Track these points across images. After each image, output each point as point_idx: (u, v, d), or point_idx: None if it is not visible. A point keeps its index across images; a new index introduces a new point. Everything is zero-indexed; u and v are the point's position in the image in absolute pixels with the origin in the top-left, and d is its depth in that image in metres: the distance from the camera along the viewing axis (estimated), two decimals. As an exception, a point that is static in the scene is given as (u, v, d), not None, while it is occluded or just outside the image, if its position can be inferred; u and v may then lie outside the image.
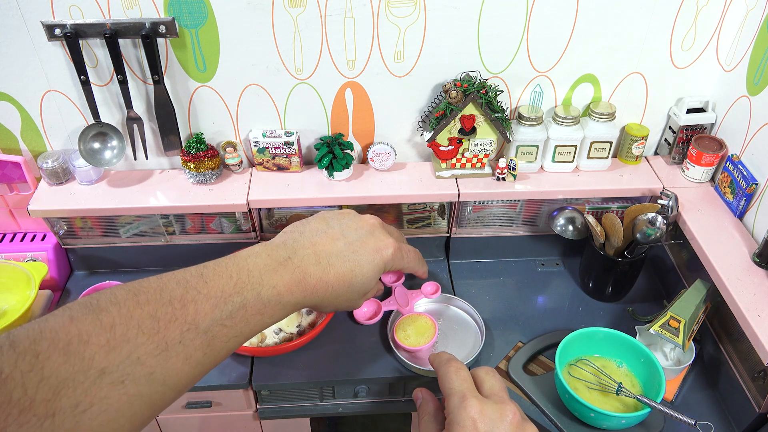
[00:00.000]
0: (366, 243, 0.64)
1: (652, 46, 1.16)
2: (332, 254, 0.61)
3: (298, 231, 0.63)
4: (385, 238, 0.66)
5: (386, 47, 1.12)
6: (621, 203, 1.29)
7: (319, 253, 0.60)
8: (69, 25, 1.03)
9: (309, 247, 0.60)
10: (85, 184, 1.23)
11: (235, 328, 0.54)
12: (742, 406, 1.02)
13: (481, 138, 1.20)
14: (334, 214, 0.67)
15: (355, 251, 0.62)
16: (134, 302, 0.48)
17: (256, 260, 0.57)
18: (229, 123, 1.23)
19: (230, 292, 0.54)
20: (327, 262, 0.60)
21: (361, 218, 0.68)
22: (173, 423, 1.25)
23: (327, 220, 0.65)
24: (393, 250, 0.66)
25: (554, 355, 1.04)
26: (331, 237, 0.62)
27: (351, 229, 0.64)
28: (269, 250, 0.59)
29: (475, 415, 0.56)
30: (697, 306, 1.07)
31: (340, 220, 0.66)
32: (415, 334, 0.99)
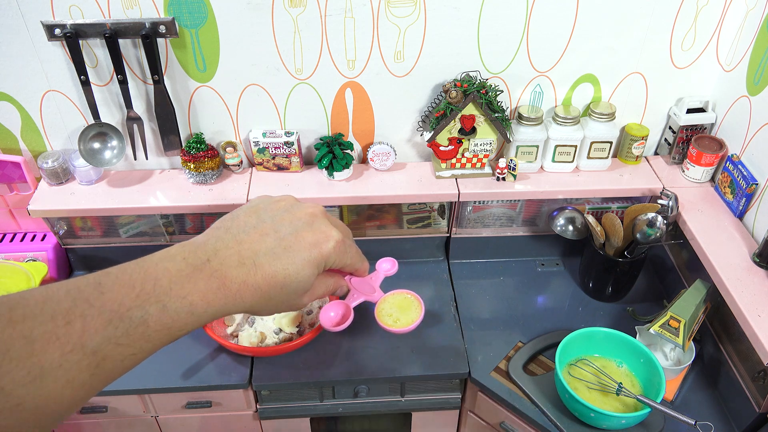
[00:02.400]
0: (302, 237, 0.56)
1: (652, 46, 1.16)
2: (259, 253, 0.54)
3: (224, 227, 0.56)
4: (327, 229, 0.58)
5: (386, 47, 1.12)
6: (621, 203, 1.29)
7: (243, 252, 0.53)
8: (69, 25, 1.03)
9: (233, 247, 0.53)
10: (85, 184, 1.23)
11: (133, 346, 0.47)
12: (742, 406, 1.02)
13: (481, 138, 1.20)
14: (268, 204, 0.59)
15: (287, 247, 0.55)
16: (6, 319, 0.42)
17: (167, 265, 0.50)
18: (229, 123, 1.23)
19: (129, 305, 0.47)
20: (252, 263, 0.53)
21: (299, 207, 0.59)
22: (173, 423, 1.25)
23: (258, 212, 0.58)
24: (334, 243, 0.58)
25: (554, 355, 1.04)
26: (261, 233, 0.55)
27: (285, 221, 0.57)
28: (186, 252, 0.52)
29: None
30: (697, 306, 1.07)
31: (274, 212, 0.58)
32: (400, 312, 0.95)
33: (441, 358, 1.16)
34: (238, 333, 1.15)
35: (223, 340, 1.10)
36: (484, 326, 1.22)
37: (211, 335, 1.10)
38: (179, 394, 1.16)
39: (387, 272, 0.81)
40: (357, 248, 0.64)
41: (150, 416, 1.23)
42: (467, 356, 1.16)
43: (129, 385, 1.12)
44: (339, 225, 0.62)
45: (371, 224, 1.31)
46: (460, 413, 1.28)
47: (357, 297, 0.76)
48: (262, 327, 1.15)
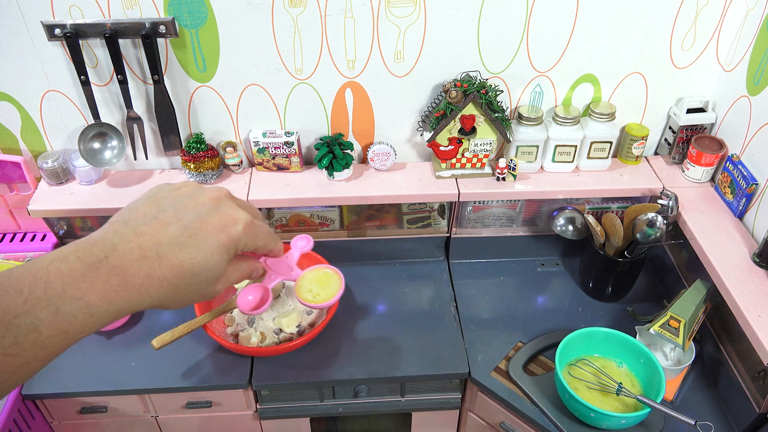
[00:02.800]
0: (207, 222, 0.53)
1: (652, 46, 1.16)
2: (162, 243, 0.50)
3: (122, 220, 0.52)
4: (234, 212, 0.55)
5: (386, 47, 1.12)
6: (621, 203, 1.29)
7: (145, 245, 0.49)
8: (69, 25, 1.03)
9: (133, 240, 0.49)
10: (85, 184, 1.23)
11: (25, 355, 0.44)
12: (742, 406, 1.02)
13: (481, 138, 1.20)
14: (168, 192, 0.56)
15: (192, 235, 0.52)
16: None
17: (60, 266, 0.46)
18: (229, 123, 1.23)
19: (17, 311, 0.43)
20: (156, 255, 0.50)
21: (203, 192, 0.56)
22: (173, 423, 1.25)
23: (158, 202, 0.54)
24: (243, 225, 0.55)
25: (554, 355, 1.04)
26: (162, 222, 0.52)
27: (188, 208, 0.54)
28: (81, 251, 0.48)
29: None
30: (697, 306, 1.07)
31: (175, 199, 0.55)
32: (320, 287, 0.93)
33: (441, 358, 1.16)
34: (239, 333, 1.15)
35: (223, 341, 1.10)
36: (484, 326, 1.22)
37: (212, 335, 1.10)
38: (179, 394, 1.16)
39: (302, 249, 0.79)
40: (268, 228, 0.61)
41: (150, 416, 1.23)
42: (467, 356, 1.16)
43: (129, 385, 1.12)
44: (246, 206, 0.60)
45: (371, 224, 1.31)
46: (460, 413, 1.28)
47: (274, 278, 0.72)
48: (263, 327, 1.15)
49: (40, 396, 1.12)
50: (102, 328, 0.49)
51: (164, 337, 1.03)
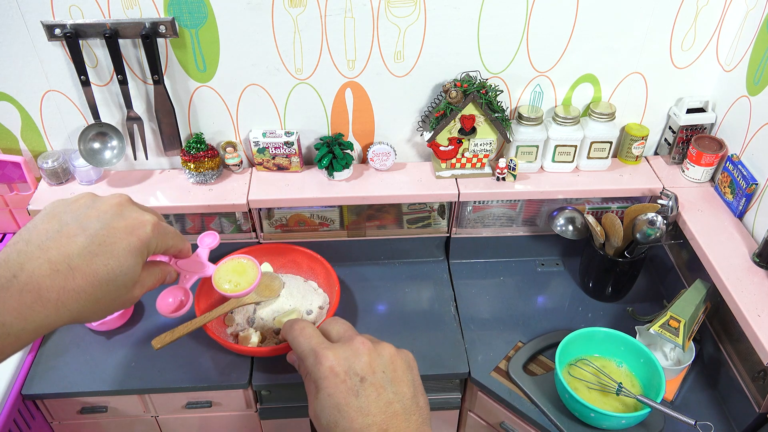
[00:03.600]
0: (114, 227, 0.52)
1: (652, 46, 1.16)
2: (72, 255, 0.49)
3: (24, 240, 0.50)
4: (139, 215, 0.55)
5: (386, 47, 1.12)
6: (621, 203, 1.29)
7: (53, 259, 0.48)
8: (69, 25, 1.03)
9: (40, 256, 0.48)
10: (85, 184, 1.23)
11: None
12: (742, 406, 1.02)
13: (481, 138, 1.20)
14: (65, 207, 0.55)
15: (101, 242, 0.50)
16: None
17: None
18: (229, 123, 1.23)
19: None
20: (68, 267, 0.48)
21: (102, 201, 0.55)
22: (173, 423, 1.25)
23: (58, 216, 0.53)
24: (152, 226, 0.54)
25: (554, 355, 1.04)
26: (68, 235, 0.50)
27: (91, 218, 0.52)
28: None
29: (331, 363, 0.55)
30: (697, 306, 1.07)
31: (76, 212, 0.53)
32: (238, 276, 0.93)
33: (441, 358, 1.16)
34: (238, 333, 1.15)
35: (223, 341, 1.10)
36: (484, 326, 1.22)
37: (212, 335, 1.10)
38: (179, 394, 1.16)
39: (210, 246, 0.79)
40: (174, 229, 0.61)
41: (150, 416, 1.23)
42: (467, 356, 1.16)
43: (129, 385, 1.12)
44: (149, 209, 0.59)
45: (371, 224, 1.31)
46: (460, 413, 1.28)
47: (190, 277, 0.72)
48: (262, 327, 1.15)
49: (40, 396, 1.12)
50: (21, 349, 0.47)
51: (164, 338, 1.03)
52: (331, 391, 0.54)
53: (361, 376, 0.55)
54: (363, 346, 0.57)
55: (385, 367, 0.57)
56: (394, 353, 0.58)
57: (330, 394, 0.54)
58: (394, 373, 0.57)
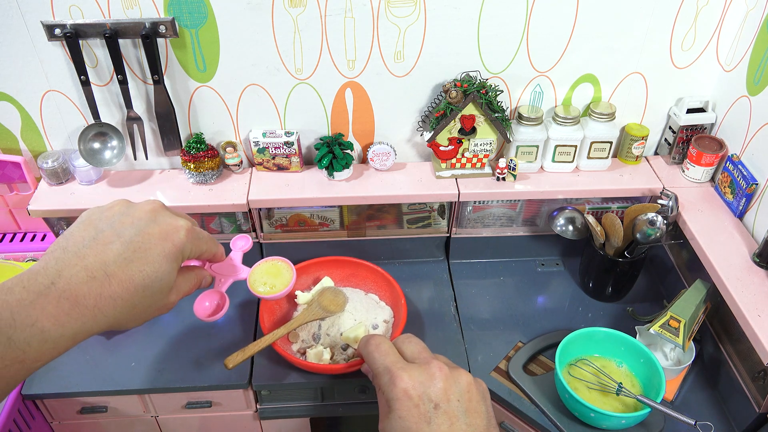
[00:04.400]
0: (149, 234, 0.53)
1: (652, 46, 1.16)
2: (108, 262, 0.49)
3: (61, 248, 0.50)
4: (173, 220, 0.55)
5: (386, 47, 1.12)
6: (621, 203, 1.29)
7: (90, 266, 0.49)
8: (69, 25, 1.03)
9: (77, 264, 0.49)
10: (85, 184, 1.23)
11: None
12: (742, 406, 1.02)
13: (481, 138, 1.20)
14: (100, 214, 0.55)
15: (137, 248, 0.51)
16: None
17: (5, 297, 0.45)
18: (229, 123, 1.23)
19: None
20: (104, 274, 0.49)
21: (136, 207, 0.56)
22: (173, 423, 1.25)
23: (94, 224, 0.53)
24: (185, 232, 0.55)
25: (554, 355, 1.04)
26: (103, 242, 0.51)
27: (126, 225, 0.53)
28: (25, 282, 0.47)
29: (406, 386, 0.54)
30: (697, 306, 1.07)
31: (110, 219, 0.54)
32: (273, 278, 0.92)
33: (441, 358, 1.16)
34: (306, 350, 1.11)
35: (293, 358, 1.06)
36: (484, 326, 1.22)
37: (281, 353, 1.06)
38: (179, 394, 1.16)
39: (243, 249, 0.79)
40: (208, 234, 0.61)
41: (150, 416, 1.23)
42: (467, 356, 1.16)
43: (129, 385, 1.12)
44: (182, 215, 0.59)
45: (371, 224, 1.31)
46: (460, 413, 1.28)
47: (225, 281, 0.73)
48: (329, 343, 1.11)
49: (40, 396, 1.12)
50: (59, 355, 0.48)
51: (236, 357, 0.98)
52: (403, 414, 0.53)
53: (435, 402, 0.54)
54: (440, 371, 0.56)
55: (461, 396, 0.56)
56: (470, 382, 0.57)
57: (401, 417, 0.53)
58: (469, 402, 0.56)
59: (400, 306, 1.14)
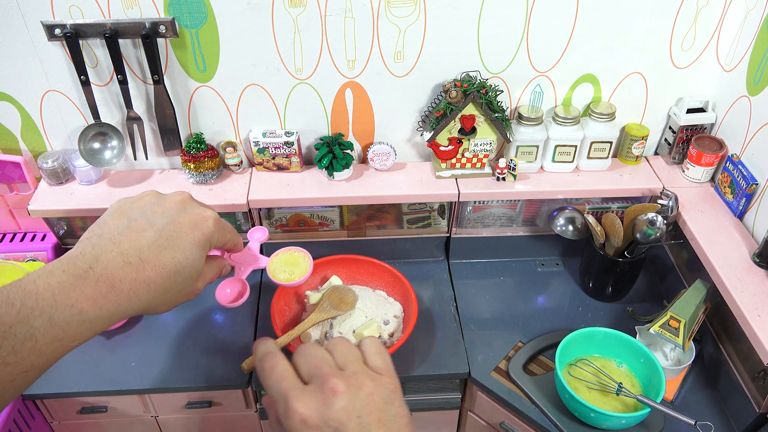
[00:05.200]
0: (180, 222, 0.55)
1: (652, 46, 1.16)
2: (143, 248, 0.52)
3: (96, 235, 0.53)
4: (201, 210, 0.58)
5: (386, 47, 1.12)
6: (621, 203, 1.29)
7: (125, 252, 0.52)
8: (69, 25, 1.03)
9: (113, 249, 0.52)
10: (85, 184, 1.23)
11: (23, 363, 0.46)
12: (742, 406, 1.02)
13: (481, 138, 1.20)
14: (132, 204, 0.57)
15: (169, 236, 0.54)
16: None
17: (48, 280, 0.48)
18: (229, 123, 1.23)
19: (11, 322, 0.45)
20: (138, 259, 0.52)
21: (166, 198, 0.58)
22: (173, 423, 1.25)
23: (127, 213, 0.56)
24: (213, 221, 0.58)
25: (554, 355, 1.04)
26: (137, 230, 0.54)
27: (157, 214, 0.56)
28: (64, 266, 0.50)
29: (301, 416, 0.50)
30: (697, 306, 1.07)
31: (142, 208, 0.56)
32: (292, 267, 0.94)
33: (441, 358, 1.16)
34: None
35: None
36: (484, 326, 1.22)
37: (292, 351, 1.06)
38: (179, 394, 1.16)
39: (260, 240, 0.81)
40: (230, 225, 0.64)
41: (150, 416, 1.23)
42: (467, 356, 1.16)
43: (129, 385, 1.12)
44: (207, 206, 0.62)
45: (371, 224, 1.31)
46: (460, 413, 1.28)
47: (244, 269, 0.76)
48: None
49: (40, 396, 1.12)
50: (94, 335, 0.51)
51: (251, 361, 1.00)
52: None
53: (335, 426, 0.50)
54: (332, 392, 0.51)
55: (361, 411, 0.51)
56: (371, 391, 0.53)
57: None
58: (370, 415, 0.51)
59: (410, 301, 1.15)
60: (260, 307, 1.25)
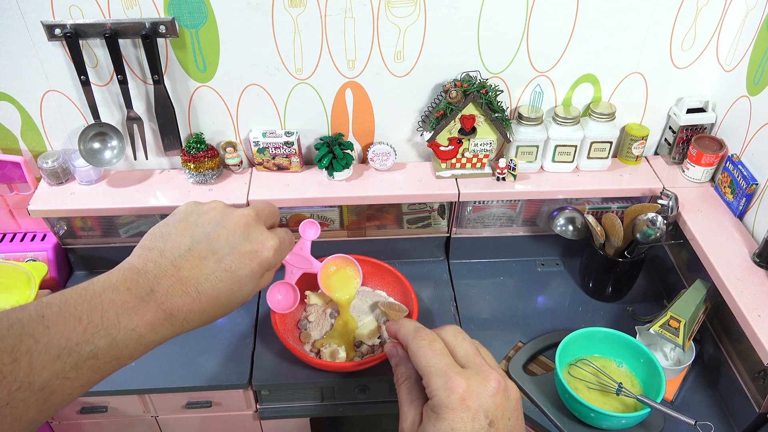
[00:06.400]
0: (240, 252, 0.55)
1: (652, 46, 1.16)
2: (201, 279, 0.53)
3: (158, 249, 0.54)
4: (263, 238, 0.57)
5: (386, 47, 1.12)
6: (621, 203, 1.29)
7: (185, 280, 0.53)
8: (69, 25, 1.03)
9: (173, 274, 0.52)
10: (85, 184, 1.23)
11: (82, 378, 0.47)
12: (742, 406, 1.02)
13: (481, 138, 1.20)
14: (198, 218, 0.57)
15: (227, 269, 0.55)
16: None
17: (112, 296, 0.49)
18: (229, 123, 1.23)
19: (78, 339, 0.46)
20: (196, 290, 0.53)
21: (231, 218, 0.57)
22: (173, 423, 1.25)
23: (191, 230, 0.55)
24: (273, 251, 0.58)
25: (554, 355, 1.04)
26: (198, 256, 0.54)
27: (221, 239, 0.55)
28: (128, 282, 0.51)
29: (463, 394, 0.51)
30: (697, 306, 1.07)
31: (206, 227, 0.56)
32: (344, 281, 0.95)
33: (441, 358, 1.16)
34: (319, 350, 1.11)
35: (313, 360, 1.06)
36: (484, 326, 1.22)
37: (297, 354, 1.07)
38: (179, 394, 1.16)
39: (312, 238, 0.81)
40: (291, 238, 0.64)
41: (150, 416, 1.23)
42: (467, 356, 1.16)
43: (129, 385, 1.12)
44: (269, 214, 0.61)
45: (371, 224, 1.31)
46: (460, 413, 1.28)
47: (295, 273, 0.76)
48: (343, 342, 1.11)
49: (40, 396, 1.12)
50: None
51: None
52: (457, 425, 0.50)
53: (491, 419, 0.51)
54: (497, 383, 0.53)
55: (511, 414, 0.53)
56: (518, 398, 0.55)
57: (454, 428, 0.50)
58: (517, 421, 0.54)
59: (410, 301, 1.15)
60: (260, 307, 1.25)
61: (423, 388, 0.56)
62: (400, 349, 0.61)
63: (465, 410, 0.51)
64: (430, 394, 0.53)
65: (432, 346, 0.56)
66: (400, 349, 0.62)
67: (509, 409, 0.53)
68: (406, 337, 0.59)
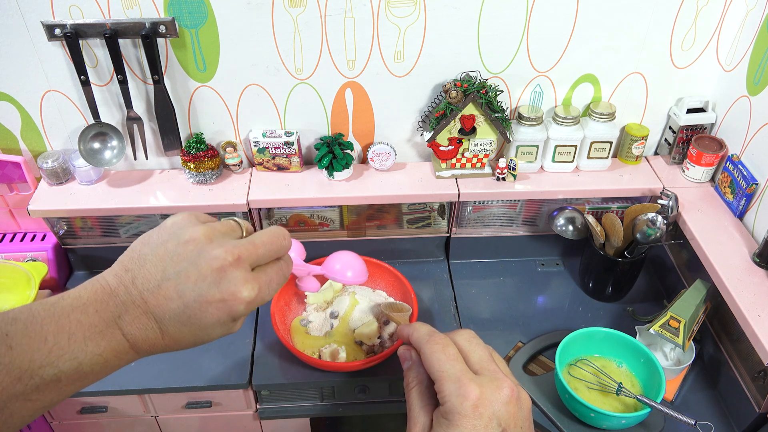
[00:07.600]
0: (207, 300, 0.50)
1: (652, 46, 1.16)
2: (164, 317, 0.50)
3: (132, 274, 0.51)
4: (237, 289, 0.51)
5: (386, 47, 1.12)
6: (621, 203, 1.29)
7: (150, 315, 0.50)
8: (69, 25, 1.03)
9: (140, 306, 0.50)
10: (85, 184, 1.23)
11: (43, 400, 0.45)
12: (742, 406, 1.02)
13: (481, 138, 1.20)
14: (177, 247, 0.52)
15: (191, 315, 0.51)
16: None
17: (80, 317, 0.47)
18: (229, 123, 1.23)
19: (41, 362, 0.44)
20: (158, 328, 0.51)
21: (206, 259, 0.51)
22: (173, 423, 1.25)
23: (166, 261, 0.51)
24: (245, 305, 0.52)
25: (554, 355, 1.04)
26: (165, 296, 0.50)
27: (190, 281, 0.50)
28: (98, 303, 0.49)
29: (476, 401, 0.50)
30: (697, 306, 1.07)
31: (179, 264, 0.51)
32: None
33: (441, 358, 1.16)
34: (321, 350, 1.11)
35: (313, 360, 1.07)
36: (484, 326, 1.22)
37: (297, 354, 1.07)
38: (179, 394, 1.16)
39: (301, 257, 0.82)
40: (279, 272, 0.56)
41: (150, 416, 1.23)
42: (467, 356, 1.16)
43: (129, 385, 1.12)
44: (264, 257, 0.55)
45: (371, 224, 1.31)
46: (460, 413, 1.28)
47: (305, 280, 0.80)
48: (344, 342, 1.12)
49: (40, 396, 1.12)
50: None
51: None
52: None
53: (504, 427, 0.50)
54: (510, 390, 0.52)
55: (524, 423, 0.52)
56: (530, 406, 0.54)
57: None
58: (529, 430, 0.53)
59: (410, 301, 1.15)
60: (260, 307, 1.25)
61: (434, 393, 0.55)
62: (414, 353, 0.60)
63: (477, 417, 0.50)
64: (442, 400, 0.53)
65: (445, 351, 0.55)
66: (413, 353, 0.60)
67: (521, 417, 0.52)
68: (420, 340, 0.58)
